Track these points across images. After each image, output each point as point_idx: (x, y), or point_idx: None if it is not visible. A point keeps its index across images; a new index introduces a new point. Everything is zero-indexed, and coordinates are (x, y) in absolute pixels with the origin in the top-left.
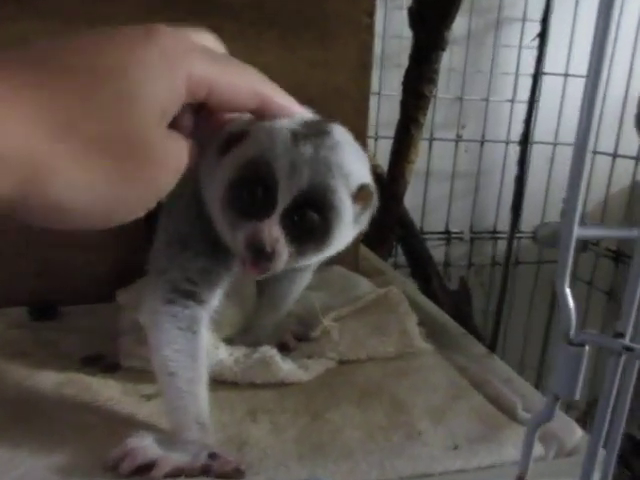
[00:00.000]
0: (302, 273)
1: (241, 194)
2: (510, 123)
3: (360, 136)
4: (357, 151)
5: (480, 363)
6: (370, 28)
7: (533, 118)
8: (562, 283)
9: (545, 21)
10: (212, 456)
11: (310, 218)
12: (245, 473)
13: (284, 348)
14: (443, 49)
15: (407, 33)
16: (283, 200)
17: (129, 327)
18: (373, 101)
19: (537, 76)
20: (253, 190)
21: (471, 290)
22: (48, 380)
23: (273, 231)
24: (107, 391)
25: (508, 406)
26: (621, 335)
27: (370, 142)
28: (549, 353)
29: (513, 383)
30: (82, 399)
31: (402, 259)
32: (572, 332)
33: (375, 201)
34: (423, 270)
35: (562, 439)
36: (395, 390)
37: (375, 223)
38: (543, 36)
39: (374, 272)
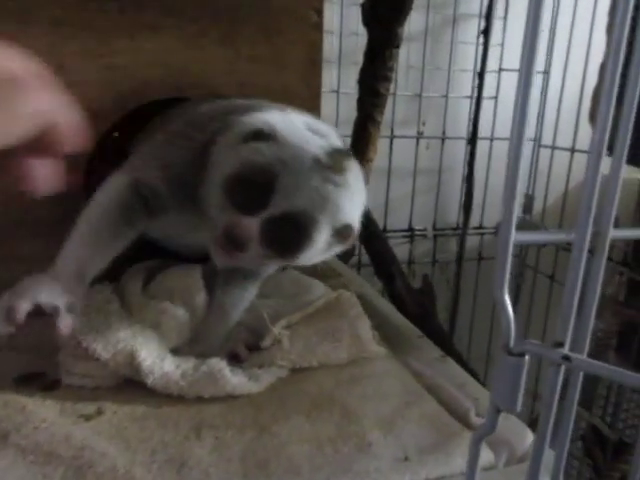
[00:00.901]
0: (254, 281)
1: (242, 187)
2: (470, 120)
3: None
4: (359, 193)
5: (435, 367)
6: (319, 25)
7: (476, 115)
8: (501, 291)
9: (488, 17)
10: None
11: (287, 236)
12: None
13: (235, 358)
14: (397, 46)
15: (364, 30)
16: (273, 209)
17: (67, 342)
18: (332, 99)
19: (482, 73)
20: (252, 189)
21: (436, 287)
22: None
23: (251, 230)
24: (43, 412)
25: (461, 412)
26: (560, 344)
27: None
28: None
29: (467, 387)
30: (14, 422)
31: (365, 258)
32: (512, 342)
33: (354, 240)
34: (387, 269)
35: (513, 444)
36: (346, 399)
37: None
38: (487, 33)
39: (331, 274)
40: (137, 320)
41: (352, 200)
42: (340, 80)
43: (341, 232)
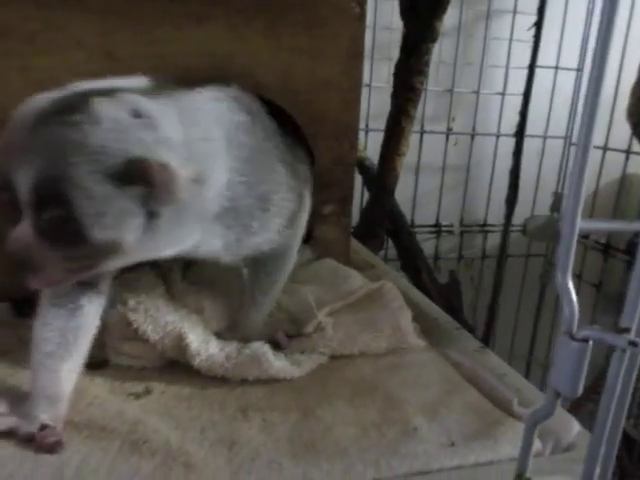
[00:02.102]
0: (280, 270)
1: None
2: (501, 116)
3: (350, 131)
4: (136, 123)
5: (474, 358)
6: (361, 17)
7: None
8: (565, 277)
9: (542, 10)
10: (42, 428)
11: (51, 217)
12: (58, 449)
13: (275, 346)
14: (434, 41)
15: (397, 24)
16: (23, 199)
17: (115, 323)
18: (363, 93)
19: (533, 67)
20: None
21: (461, 283)
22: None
23: (24, 236)
24: (93, 390)
25: (503, 401)
26: (626, 330)
27: (360, 135)
28: (538, 346)
29: (508, 378)
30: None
31: (392, 252)
32: (575, 327)
33: (176, 177)
34: (413, 263)
35: (559, 435)
36: (388, 386)
37: (366, 216)
38: (539, 26)
39: (365, 265)
40: (181, 305)
41: (114, 130)
42: (372, 74)
43: (131, 173)
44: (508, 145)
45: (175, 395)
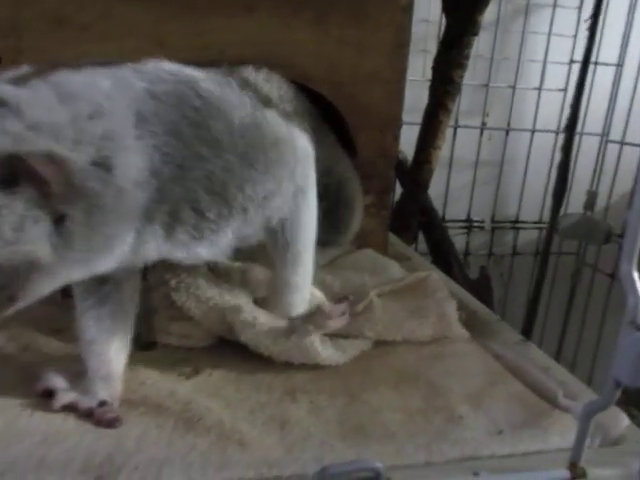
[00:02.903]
0: (294, 232)
1: None
2: (537, 112)
3: (394, 123)
4: (4, 113)
5: (516, 351)
6: (407, 9)
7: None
8: (629, 267)
9: (598, 5)
10: (101, 404)
11: None
12: (117, 424)
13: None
14: (475, 34)
15: (434, 17)
16: None
17: (162, 304)
18: None
19: (587, 61)
20: None
21: (491, 279)
22: None
23: None
24: (144, 370)
25: (548, 393)
26: None
27: None
28: (567, 342)
29: (552, 371)
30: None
31: (422, 246)
32: (639, 318)
33: (67, 163)
34: (444, 258)
35: (608, 427)
36: (431, 375)
37: (399, 209)
38: (595, 21)
39: (400, 257)
40: (225, 280)
41: None
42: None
43: (4, 174)
44: (543, 141)
45: (223, 377)
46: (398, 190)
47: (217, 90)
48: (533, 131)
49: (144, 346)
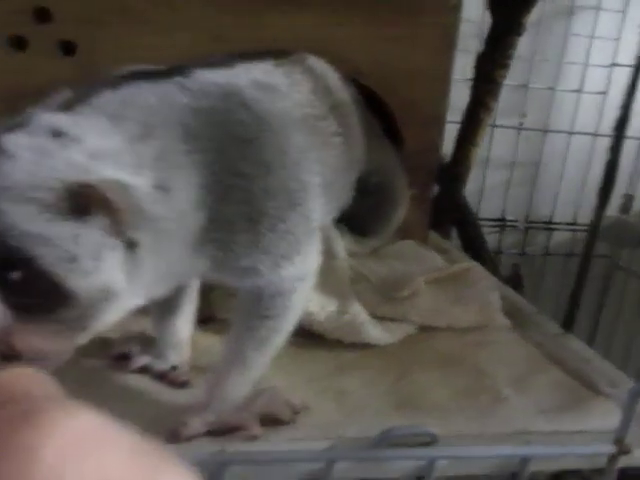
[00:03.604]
0: (279, 307)
1: None
2: (575, 114)
3: (439, 119)
4: (58, 143)
5: (557, 342)
6: (457, 8)
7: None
8: None
9: None
10: (173, 367)
11: (17, 282)
12: (188, 385)
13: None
14: (520, 34)
15: (475, 17)
16: None
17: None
18: None
19: None
20: None
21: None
22: None
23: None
24: (205, 341)
25: (590, 382)
26: None
27: None
28: (597, 341)
29: (593, 362)
30: None
31: (455, 243)
32: None
33: (134, 190)
34: (477, 255)
35: None
36: (475, 359)
37: (435, 204)
38: None
39: (438, 250)
40: None
41: (39, 161)
42: None
43: (76, 203)
44: (580, 144)
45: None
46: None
47: (265, 99)
48: (571, 133)
49: (203, 320)
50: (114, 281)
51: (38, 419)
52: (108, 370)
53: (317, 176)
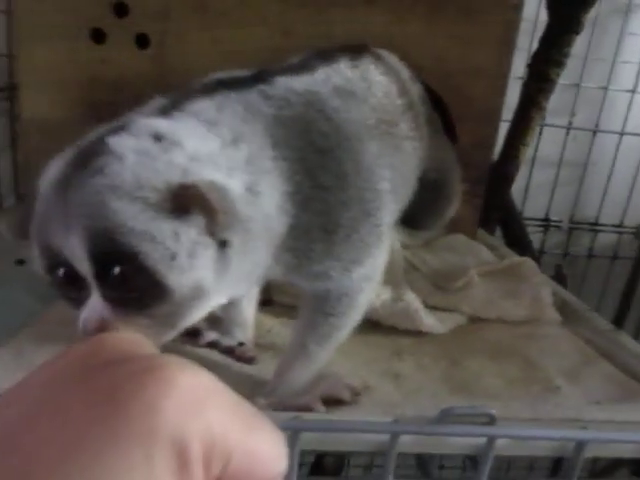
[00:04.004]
0: (343, 307)
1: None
2: (628, 114)
3: (495, 116)
4: (160, 146)
5: (607, 338)
6: (518, 7)
7: None
8: None
9: None
10: (240, 344)
11: (119, 277)
12: (254, 361)
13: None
14: (577, 33)
15: (528, 15)
16: (83, 271)
17: None
18: None
19: None
20: (50, 271)
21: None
22: None
23: (95, 313)
24: (267, 321)
25: None
26: None
27: None
28: None
29: None
30: None
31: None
32: None
33: (229, 192)
34: (521, 254)
35: None
36: (526, 351)
37: (483, 202)
38: None
39: (487, 246)
40: None
41: (145, 159)
42: None
43: (183, 200)
44: (630, 144)
45: None
46: None
47: (343, 107)
48: (622, 134)
49: (263, 302)
50: (205, 279)
51: (158, 375)
52: (180, 344)
53: (388, 182)
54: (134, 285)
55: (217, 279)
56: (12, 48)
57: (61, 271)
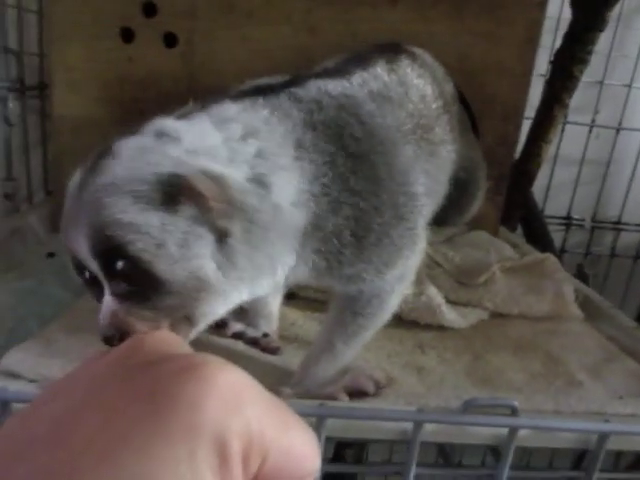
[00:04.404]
0: (373, 308)
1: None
2: None
3: (518, 113)
4: (159, 142)
5: (630, 334)
6: (542, 5)
7: None
8: None
9: None
10: (265, 335)
11: (120, 272)
12: (279, 352)
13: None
14: (601, 30)
15: (550, 12)
16: (94, 270)
17: None
18: None
19: None
20: (79, 273)
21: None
22: None
23: (108, 309)
24: (291, 314)
25: None
26: None
27: None
28: None
29: None
30: None
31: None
32: None
33: (224, 179)
34: (542, 252)
35: None
36: (548, 346)
37: (504, 200)
38: None
39: (509, 244)
40: None
41: (141, 157)
42: None
43: (167, 194)
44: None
45: None
46: None
47: (378, 112)
48: None
49: (287, 296)
50: (205, 269)
51: (198, 374)
52: (206, 335)
53: (422, 187)
54: (133, 278)
55: (222, 271)
56: (43, 47)
57: (86, 273)
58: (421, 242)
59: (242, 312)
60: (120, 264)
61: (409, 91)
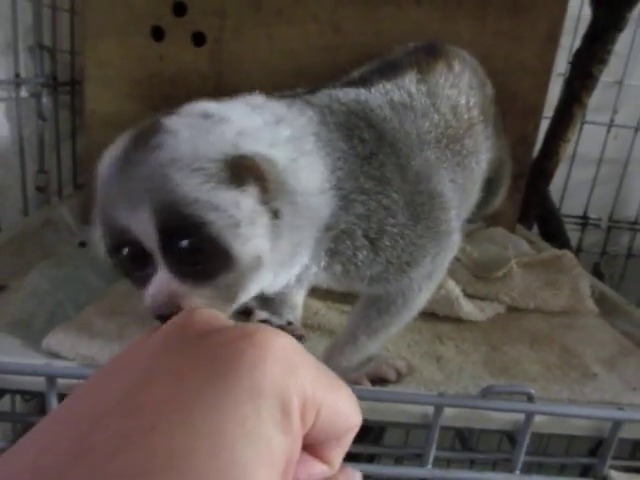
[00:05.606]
0: (398, 306)
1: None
2: None
3: (537, 111)
4: (209, 122)
5: None
6: (563, 4)
7: None
8: None
9: None
10: (289, 323)
11: (188, 249)
12: (303, 340)
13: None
14: (621, 30)
15: (570, 12)
16: (151, 247)
17: None
18: None
19: None
20: (116, 251)
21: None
22: None
23: (163, 287)
24: (314, 304)
25: None
26: None
27: None
28: None
29: None
30: None
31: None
32: None
33: (276, 163)
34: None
35: None
36: (563, 340)
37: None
38: None
39: (526, 240)
40: None
41: (200, 134)
42: None
43: (242, 171)
44: None
45: None
46: None
47: (394, 119)
48: None
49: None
50: (263, 249)
51: (255, 340)
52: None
53: (446, 187)
54: (201, 256)
55: (271, 250)
56: (74, 45)
57: (126, 250)
58: (448, 240)
59: (267, 301)
60: (185, 242)
61: (437, 101)
